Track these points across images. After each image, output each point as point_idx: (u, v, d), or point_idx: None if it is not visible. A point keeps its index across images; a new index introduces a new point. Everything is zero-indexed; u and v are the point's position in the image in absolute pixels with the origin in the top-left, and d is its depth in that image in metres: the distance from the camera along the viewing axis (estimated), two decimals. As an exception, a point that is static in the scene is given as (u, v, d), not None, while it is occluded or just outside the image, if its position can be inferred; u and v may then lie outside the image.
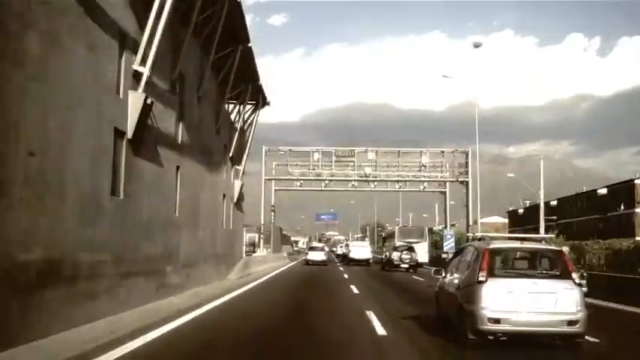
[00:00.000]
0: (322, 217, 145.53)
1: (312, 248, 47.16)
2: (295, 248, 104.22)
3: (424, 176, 46.82)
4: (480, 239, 10.03)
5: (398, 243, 41.27)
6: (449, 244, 43.35)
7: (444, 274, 10.70)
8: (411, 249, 37.03)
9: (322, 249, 47.38)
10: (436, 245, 54.94)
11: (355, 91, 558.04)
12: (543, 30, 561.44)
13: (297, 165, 47.32)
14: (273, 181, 49.82)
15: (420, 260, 38.53)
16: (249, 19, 19.63)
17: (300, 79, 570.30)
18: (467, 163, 46.71)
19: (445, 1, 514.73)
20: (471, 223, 43.99)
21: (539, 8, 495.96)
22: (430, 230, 52.79)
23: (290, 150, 49.13)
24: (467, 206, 45.91)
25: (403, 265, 35.48)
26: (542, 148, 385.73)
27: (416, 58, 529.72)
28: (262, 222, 48.53)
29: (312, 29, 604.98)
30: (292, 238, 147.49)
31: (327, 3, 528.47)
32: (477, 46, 36.63)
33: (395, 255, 36.24)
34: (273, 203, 51.01)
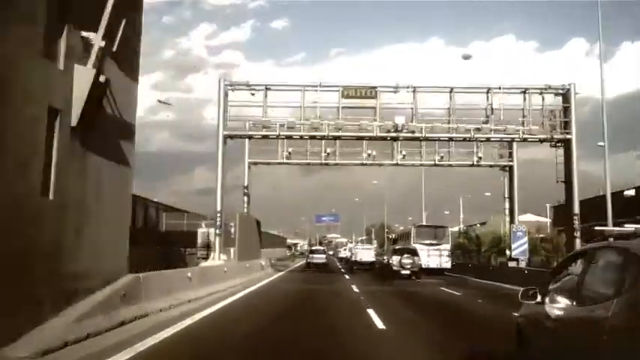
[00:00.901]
0: (323, 218, 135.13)
1: (313, 251, 47.90)
2: (296, 252, 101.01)
3: (495, 130, 27.75)
4: (627, 236, 4.76)
5: (413, 245, 34.91)
6: (520, 247, 31.38)
7: (540, 298, 5.64)
8: (413, 252, 31.40)
9: (323, 252, 48.45)
10: (462, 248, 50.09)
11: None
12: (545, 34, 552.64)
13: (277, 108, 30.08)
14: (246, 143, 34.82)
15: (443, 265, 35.93)
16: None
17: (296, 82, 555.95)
18: (565, 110, 28.07)
19: (446, 3, 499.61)
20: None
21: (540, 12, 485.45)
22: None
23: (267, 88, 29.57)
24: (568, 182, 27.70)
25: (404, 272, 29.69)
26: (546, 152, 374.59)
27: (414, 64, 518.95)
28: (218, 207, 28.14)
29: (313, 36, 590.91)
30: (290, 241, 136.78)
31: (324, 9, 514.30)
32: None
33: (394, 259, 30.46)
34: (246, 184, 37.20)
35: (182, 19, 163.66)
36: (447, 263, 35.93)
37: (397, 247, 33.91)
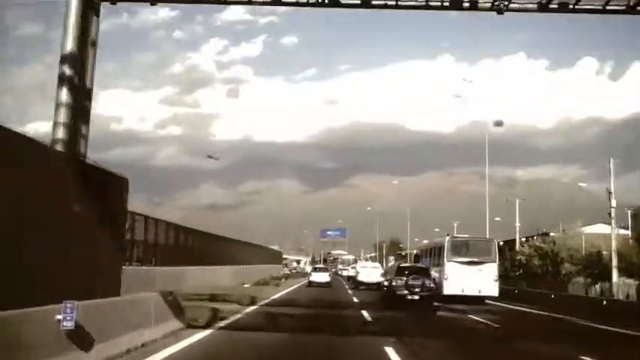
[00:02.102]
0: (328, 233, 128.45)
1: (315, 269, 46.69)
2: (292, 270, 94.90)
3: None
4: None
5: (447, 263, 27.57)
6: None
7: None
8: (422, 271, 24.89)
9: (326, 269, 47.93)
10: (519, 265, 38.89)
11: (363, 113, 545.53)
12: (556, 53, 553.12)
13: None
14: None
15: (485, 292, 27.35)
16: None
17: (307, 100, 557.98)
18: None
19: (455, 24, 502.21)
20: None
21: (552, 31, 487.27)
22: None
23: None
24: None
25: (411, 297, 23.40)
26: (552, 172, 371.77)
27: (424, 82, 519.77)
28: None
29: (322, 52, 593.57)
30: (291, 257, 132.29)
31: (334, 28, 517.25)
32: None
33: (397, 282, 23.91)
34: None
35: (193, 34, 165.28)
36: (491, 288, 27.30)
37: (403, 265, 27.86)
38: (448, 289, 26.63)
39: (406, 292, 23.20)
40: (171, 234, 27.52)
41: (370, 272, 41.58)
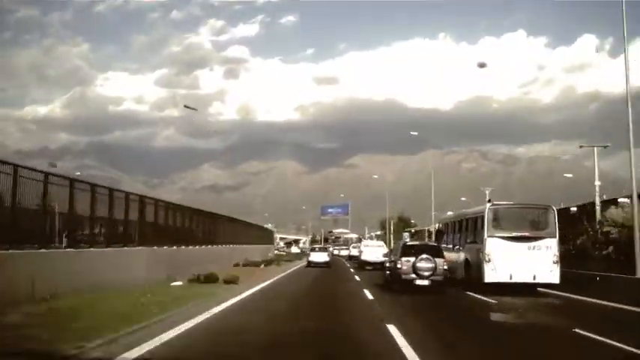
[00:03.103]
0: (329, 210, 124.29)
1: (314, 249, 46.79)
2: (281, 249, 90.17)
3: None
4: None
5: (489, 240, 20.39)
6: None
7: None
8: (433, 251, 20.44)
9: (325, 249, 47.38)
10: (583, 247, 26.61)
11: (363, 90, 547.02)
12: (555, 30, 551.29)
13: None
14: None
15: (541, 278, 19.75)
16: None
17: (306, 80, 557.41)
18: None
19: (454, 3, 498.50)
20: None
21: (551, 8, 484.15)
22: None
23: None
24: None
25: (419, 282, 19.56)
26: (553, 149, 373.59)
27: (423, 60, 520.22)
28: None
29: (322, 31, 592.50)
30: (290, 237, 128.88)
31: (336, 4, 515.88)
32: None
33: (404, 263, 19.74)
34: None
35: (191, 15, 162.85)
36: (550, 273, 19.94)
37: (410, 244, 23.62)
38: (491, 274, 19.61)
39: (413, 276, 19.36)
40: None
41: (374, 251, 40.50)
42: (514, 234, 20.36)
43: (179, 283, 19.84)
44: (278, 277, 27.82)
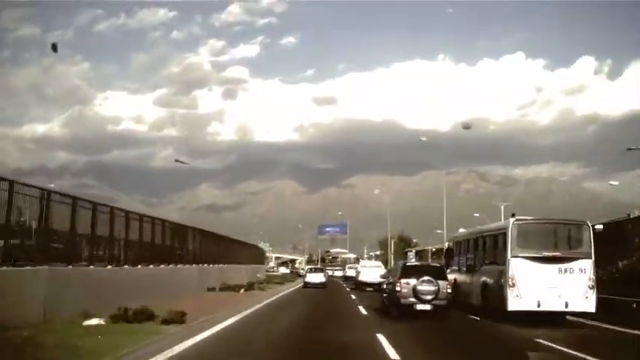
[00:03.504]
0: (327, 229, 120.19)
1: (310, 270, 46.17)
2: (271, 269, 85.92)
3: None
4: None
5: (513, 261, 17.68)
6: None
7: None
8: (435, 272, 18.25)
9: (321, 270, 47.10)
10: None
11: (361, 111, 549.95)
12: (554, 53, 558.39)
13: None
14: None
15: (574, 305, 16.83)
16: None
17: (305, 101, 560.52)
18: None
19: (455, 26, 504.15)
20: None
21: (549, 31, 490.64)
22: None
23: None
24: None
25: (421, 307, 17.41)
26: (551, 170, 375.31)
27: (422, 81, 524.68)
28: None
29: (322, 53, 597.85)
30: (285, 256, 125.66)
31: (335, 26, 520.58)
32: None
33: (403, 285, 17.57)
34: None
35: (191, 35, 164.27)
36: (584, 300, 17.03)
37: (410, 264, 21.32)
38: (515, 302, 16.78)
39: (414, 299, 17.35)
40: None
41: (372, 272, 39.76)
42: (543, 254, 17.36)
43: (95, 321, 13.17)
44: (256, 307, 20.63)
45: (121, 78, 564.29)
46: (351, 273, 52.88)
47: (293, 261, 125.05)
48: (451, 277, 21.78)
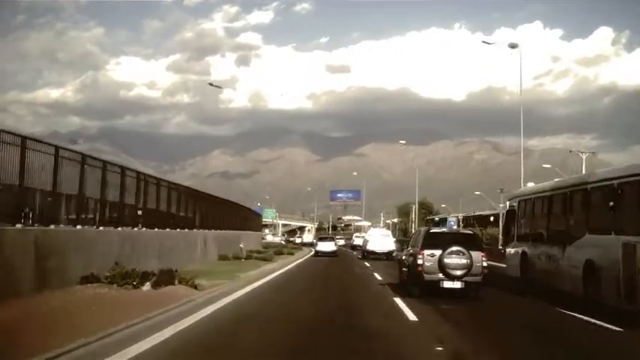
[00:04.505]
0: (339, 195, 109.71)
1: (321, 239, 45.44)
2: (274, 235, 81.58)
3: None
4: None
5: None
6: None
7: None
8: (466, 240, 14.45)
9: (332, 239, 46.92)
10: None
11: (375, 79, 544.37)
12: (571, 22, 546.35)
13: None
14: None
15: None
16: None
17: (318, 68, 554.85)
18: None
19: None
20: None
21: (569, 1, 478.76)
22: None
23: None
24: None
25: (448, 284, 13.87)
26: (566, 142, 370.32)
27: (438, 50, 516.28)
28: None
29: (336, 20, 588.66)
30: (294, 223, 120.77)
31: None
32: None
33: (427, 258, 14.06)
34: None
35: (205, 1, 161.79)
36: None
37: (436, 231, 16.48)
38: None
39: (440, 275, 13.84)
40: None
41: (381, 240, 38.71)
42: None
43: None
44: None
45: (134, 43, 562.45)
46: (359, 242, 50.30)
47: (302, 228, 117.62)
48: (514, 250, 17.95)
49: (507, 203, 23.27)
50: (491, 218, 58.12)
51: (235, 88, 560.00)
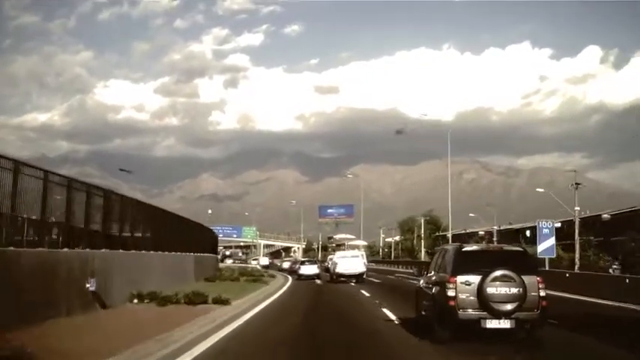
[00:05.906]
0: (329, 211, 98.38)
1: (303, 262, 45.61)
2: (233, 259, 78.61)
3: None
4: None
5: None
6: None
7: None
8: (518, 262, 10.23)
9: (314, 262, 46.73)
10: None
11: (364, 100, 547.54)
12: (560, 42, 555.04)
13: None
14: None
15: None
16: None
17: (308, 89, 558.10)
18: None
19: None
20: None
21: (555, 20, 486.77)
22: None
23: None
24: None
25: (493, 324, 9.80)
26: (556, 160, 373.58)
27: (427, 70, 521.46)
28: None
29: (325, 40, 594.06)
30: (278, 244, 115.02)
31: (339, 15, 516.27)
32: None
33: (460, 288, 9.96)
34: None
35: (194, 23, 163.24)
36: None
37: (471, 249, 11.43)
38: None
39: (483, 312, 9.86)
40: None
41: (350, 262, 37.00)
42: None
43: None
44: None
45: (122, 66, 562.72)
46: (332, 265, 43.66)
47: (288, 249, 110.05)
48: None
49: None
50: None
51: (224, 110, 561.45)
